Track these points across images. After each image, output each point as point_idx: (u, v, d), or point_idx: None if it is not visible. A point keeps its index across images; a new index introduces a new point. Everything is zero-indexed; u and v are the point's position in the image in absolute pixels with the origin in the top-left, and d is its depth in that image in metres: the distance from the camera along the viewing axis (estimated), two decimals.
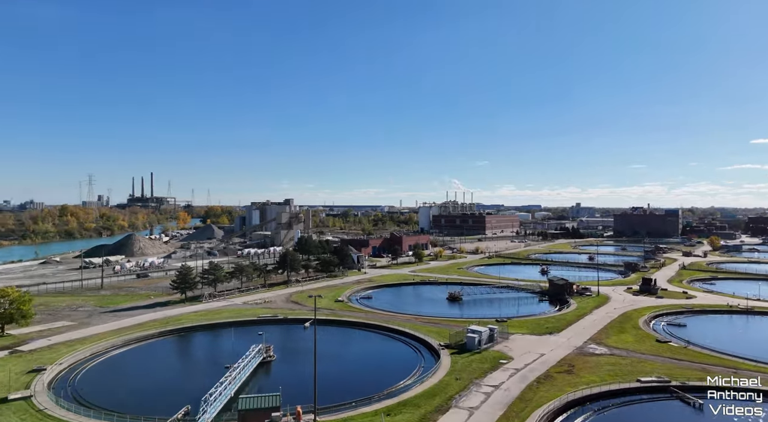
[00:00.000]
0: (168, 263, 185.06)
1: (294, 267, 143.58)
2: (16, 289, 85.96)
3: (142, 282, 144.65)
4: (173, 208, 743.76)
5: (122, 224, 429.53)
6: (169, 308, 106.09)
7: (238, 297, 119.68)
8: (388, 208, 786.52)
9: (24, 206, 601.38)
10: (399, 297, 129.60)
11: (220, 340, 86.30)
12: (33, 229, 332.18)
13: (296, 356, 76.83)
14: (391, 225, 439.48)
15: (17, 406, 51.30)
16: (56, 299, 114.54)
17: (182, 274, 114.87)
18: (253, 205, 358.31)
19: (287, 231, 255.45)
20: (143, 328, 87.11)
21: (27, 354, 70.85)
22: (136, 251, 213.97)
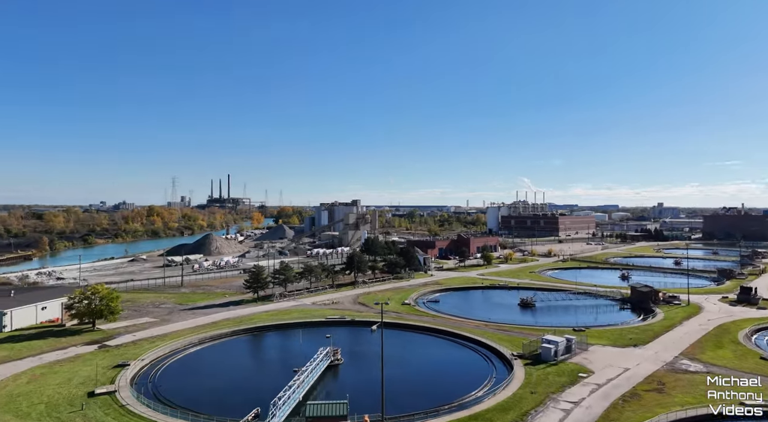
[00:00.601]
0: (242, 262, 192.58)
1: (361, 268, 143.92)
2: (105, 287, 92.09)
3: (218, 280, 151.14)
4: (248, 208, 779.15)
5: (201, 224, 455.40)
6: (242, 307, 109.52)
7: (307, 298, 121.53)
8: (454, 208, 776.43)
9: (117, 207, 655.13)
10: (467, 301, 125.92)
11: (289, 341, 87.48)
12: (124, 229, 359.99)
13: (363, 360, 76.01)
14: (458, 226, 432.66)
15: (103, 401, 54.19)
16: (141, 296, 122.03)
17: (255, 274, 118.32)
18: (321, 205, 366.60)
19: (354, 232, 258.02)
20: (218, 327, 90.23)
21: (114, 349, 75.35)
22: (213, 250, 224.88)
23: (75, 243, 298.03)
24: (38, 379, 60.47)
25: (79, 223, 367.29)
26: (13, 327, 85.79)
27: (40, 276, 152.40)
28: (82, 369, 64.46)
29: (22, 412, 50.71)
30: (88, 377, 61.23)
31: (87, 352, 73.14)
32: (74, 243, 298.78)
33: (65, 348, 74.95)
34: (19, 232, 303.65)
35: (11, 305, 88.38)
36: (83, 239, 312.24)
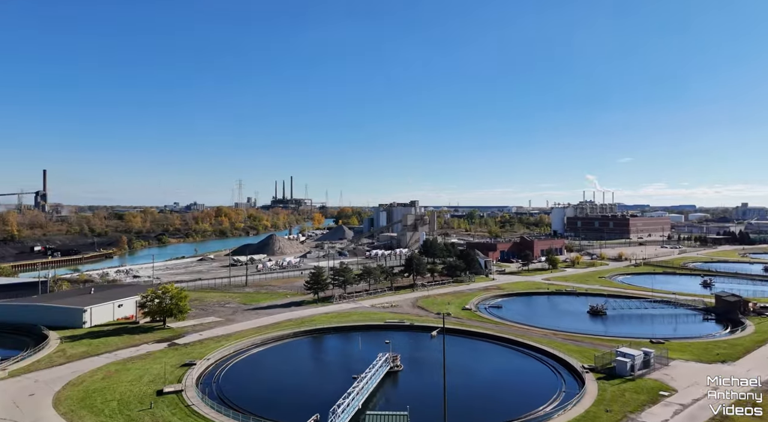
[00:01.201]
0: (303, 262, 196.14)
1: (419, 271, 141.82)
2: (175, 286, 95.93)
3: (280, 280, 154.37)
4: (309, 209, 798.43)
5: (266, 224, 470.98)
6: (303, 308, 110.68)
7: (366, 300, 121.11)
8: (515, 209, 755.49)
9: (189, 207, 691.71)
10: (532, 307, 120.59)
11: (349, 344, 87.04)
12: (194, 228, 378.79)
13: (423, 367, 74.05)
14: (520, 227, 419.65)
15: (170, 400, 55.73)
16: (208, 295, 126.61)
17: (315, 275, 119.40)
18: (380, 206, 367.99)
19: (413, 234, 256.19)
20: (280, 328, 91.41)
21: (182, 347, 77.97)
22: (276, 250, 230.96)
23: (151, 242, 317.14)
24: (112, 376, 63.35)
25: (155, 223, 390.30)
26: (93, 324, 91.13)
27: (118, 274, 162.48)
28: (152, 367, 66.94)
29: (97, 408, 53.02)
30: (157, 375, 63.41)
31: (157, 350, 76.12)
32: (150, 242, 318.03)
33: (138, 346, 78.46)
34: (102, 232, 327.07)
35: (91, 302, 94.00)
36: (158, 238, 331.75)
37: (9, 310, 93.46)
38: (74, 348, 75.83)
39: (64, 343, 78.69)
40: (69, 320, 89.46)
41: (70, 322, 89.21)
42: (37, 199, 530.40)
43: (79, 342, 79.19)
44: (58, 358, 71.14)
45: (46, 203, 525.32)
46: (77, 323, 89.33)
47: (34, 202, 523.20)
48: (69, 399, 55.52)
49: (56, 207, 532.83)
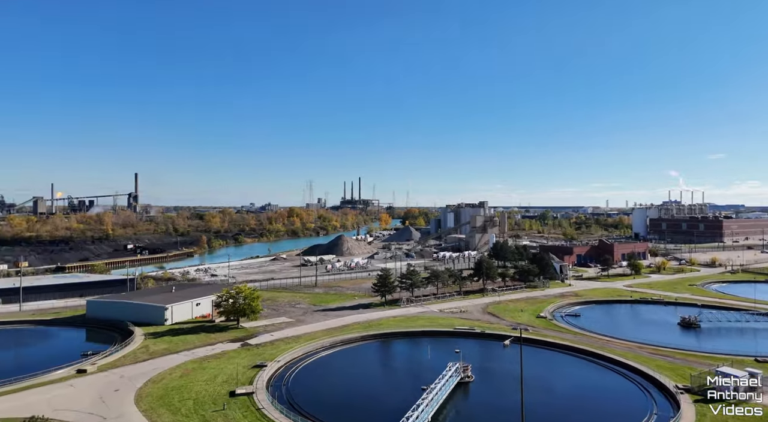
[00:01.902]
0: (371, 263, 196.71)
1: (490, 275, 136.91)
2: (248, 287, 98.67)
3: (348, 281, 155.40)
4: (377, 209, 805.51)
5: (335, 224, 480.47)
6: (371, 311, 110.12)
7: (434, 304, 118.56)
8: (591, 210, 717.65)
9: (264, 208, 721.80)
10: (613, 317, 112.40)
11: (417, 350, 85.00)
12: (268, 228, 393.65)
13: (496, 379, 70.54)
14: (597, 229, 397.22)
15: (242, 402, 56.56)
16: (280, 295, 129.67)
17: (382, 278, 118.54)
18: (447, 207, 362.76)
19: (482, 235, 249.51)
20: (348, 331, 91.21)
21: (254, 348, 79.66)
22: (344, 251, 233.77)
23: (228, 242, 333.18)
24: (189, 374, 65.60)
25: (232, 223, 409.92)
26: (174, 321, 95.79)
27: (198, 272, 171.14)
28: (226, 367, 68.68)
29: (174, 407, 54.82)
30: (230, 375, 64.86)
31: (231, 350, 78.25)
32: (227, 241, 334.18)
33: (213, 345, 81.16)
34: (185, 231, 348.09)
35: (172, 301, 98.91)
36: (235, 238, 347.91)
37: (101, 306, 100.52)
38: (156, 345, 79.76)
39: (147, 340, 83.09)
40: (152, 317, 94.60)
41: (153, 319, 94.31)
42: (129, 200, 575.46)
43: (161, 339, 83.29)
44: (142, 354, 75.02)
45: (137, 204, 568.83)
46: (159, 320, 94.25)
47: (127, 203, 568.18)
48: (149, 396, 57.94)
49: (146, 207, 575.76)
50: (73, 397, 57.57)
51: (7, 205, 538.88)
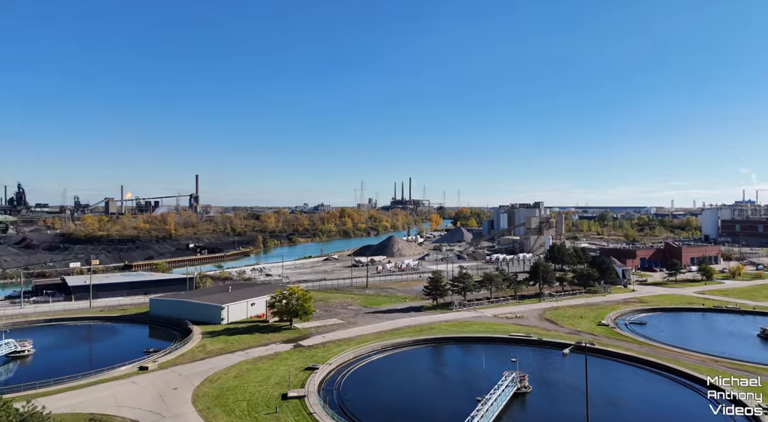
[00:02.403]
0: (421, 265, 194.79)
1: (547, 279, 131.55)
2: (301, 288, 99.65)
3: (399, 283, 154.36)
4: (427, 210, 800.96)
5: (385, 225, 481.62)
6: (422, 314, 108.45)
7: (487, 308, 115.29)
8: (655, 210, 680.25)
9: (316, 208, 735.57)
10: (683, 326, 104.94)
11: (470, 357, 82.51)
12: (321, 229, 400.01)
13: (555, 390, 67.08)
14: (662, 231, 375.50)
15: (294, 405, 56.58)
16: (332, 296, 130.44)
17: (434, 281, 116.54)
18: (500, 208, 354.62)
19: (537, 237, 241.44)
20: (399, 334, 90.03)
21: (306, 349, 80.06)
22: (395, 252, 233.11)
23: (282, 242, 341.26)
24: (243, 375, 66.59)
25: (286, 223, 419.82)
26: (229, 320, 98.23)
27: (253, 272, 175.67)
28: (278, 369, 69.25)
29: (229, 407, 55.61)
30: (282, 377, 65.26)
31: (284, 351, 78.99)
32: (282, 241, 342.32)
33: (267, 345, 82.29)
34: (242, 231, 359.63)
35: (228, 300, 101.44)
36: (288, 238, 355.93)
37: (162, 304, 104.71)
38: (213, 344, 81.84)
39: (204, 339, 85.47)
40: (210, 316, 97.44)
41: (210, 318, 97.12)
42: (191, 201, 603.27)
43: (217, 339, 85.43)
44: (199, 353, 77.12)
45: (197, 204, 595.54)
46: (216, 319, 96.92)
47: (189, 204, 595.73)
48: (206, 396, 59.15)
49: (206, 208, 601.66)
50: (136, 394, 59.72)
51: (82, 206, 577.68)
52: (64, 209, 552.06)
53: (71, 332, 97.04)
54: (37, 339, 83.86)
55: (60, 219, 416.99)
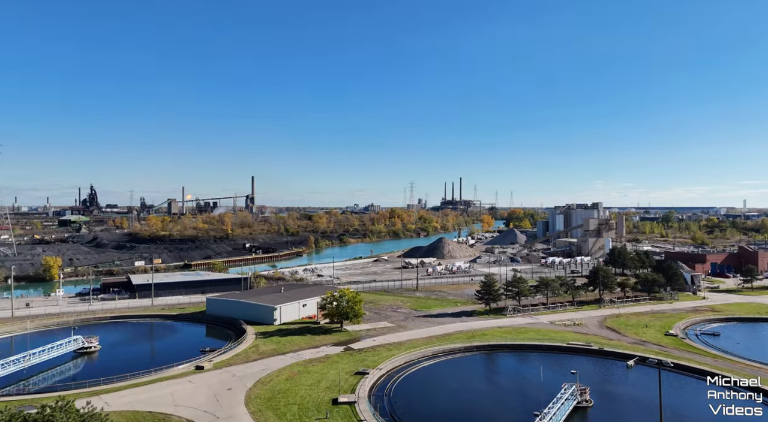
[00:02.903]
0: (473, 268, 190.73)
1: (607, 284, 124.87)
2: (351, 290, 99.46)
3: (450, 286, 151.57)
4: (478, 210, 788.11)
5: (435, 226, 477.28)
6: (474, 319, 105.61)
7: (543, 315, 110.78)
8: (726, 211, 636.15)
9: (367, 209, 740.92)
10: (761, 339, 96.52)
11: (526, 366, 79.14)
12: (371, 229, 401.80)
13: (619, 405, 62.93)
14: (734, 233, 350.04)
15: (344, 411, 55.96)
16: (381, 298, 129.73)
17: (486, 285, 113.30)
18: (555, 209, 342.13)
19: (596, 240, 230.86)
20: (451, 340, 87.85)
21: (356, 353, 79.52)
22: (445, 254, 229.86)
23: (333, 242, 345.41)
24: (295, 378, 66.80)
25: (337, 224, 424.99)
26: (282, 321, 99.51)
27: (305, 272, 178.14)
28: (329, 372, 69.01)
29: (280, 411, 55.74)
30: (333, 382, 64.89)
31: (334, 354, 78.83)
32: (333, 241, 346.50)
33: (318, 347, 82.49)
34: (295, 231, 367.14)
35: (281, 301, 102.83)
36: (339, 238, 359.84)
37: (218, 304, 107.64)
38: (266, 345, 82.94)
39: (258, 339, 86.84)
40: (263, 316, 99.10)
41: (263, 318, 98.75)
42: (246, 201, 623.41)
43: (270, 340, 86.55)
44: (253, 354, 78.31)
45: (253, 205, 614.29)
46: (269, 320, 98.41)
47: (245, 204, 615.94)
48: (258, 398, 59.65)
49: (261, 208, 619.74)
50: (192, 393, 61.13)
51: (147, 207, 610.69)
52: (131, 210, 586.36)
53: (134, 329, 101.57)
54: (103, 335, 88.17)
55: (127, 219, 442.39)
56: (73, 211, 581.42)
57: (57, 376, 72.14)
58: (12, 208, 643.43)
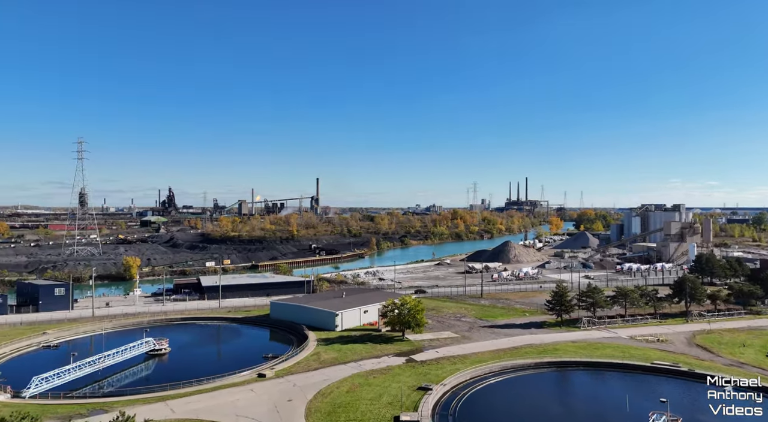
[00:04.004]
0: (542, 274, 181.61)
1: (695, 296, 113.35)
2: (413, 298, 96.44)
3: (517, 294, 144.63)
4: (546, 211, 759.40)
5: (500, 227, 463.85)
6: (545, 332, 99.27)
7: (621, 328, 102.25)
8: None
9: (428, 209, 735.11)
10: None
11: (604, 388, 72.58)
12: (432, 231, 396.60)
13: None
14: None
15: None
16: (444, 305, 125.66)
17: (558, 295, 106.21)
18: (631, 211, 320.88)
19: (678, 245, 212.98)
20: (519, 354, 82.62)
21: (419, 365, 76.40)
22: (511, 258, 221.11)
23: (395, 244, 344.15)
24: (356, 390, 64.80)
25: (399, 225, 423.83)
26: (343, 327, 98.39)
27: (366, 276, 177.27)
28: (391, 386, 66.42)
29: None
30: (395, 397, 62.22)
31: (396, 365, 76.20)
32: (394, 243, 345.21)
33: (379, 357, 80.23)
34: (357, 233, 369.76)
35: (342, 307, 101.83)
36: (401, 240, 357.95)
37: (281, 308, 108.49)
38: (327, 353, 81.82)
39: (319, 346, 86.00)
40: (324, 322, 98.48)
41: (325, 324, 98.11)
42: (312, 202, 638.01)
43: (331, 347, 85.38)
44: (314, 362, 77.36)
45: (318, 206, 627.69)
46: (330, 325, 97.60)
47: (310, 205, 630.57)
48: (318, 411, 58.13)
49: (325, 209, 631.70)
50: (253, 403, 60.71)
51: (220, 207, 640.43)
52: (204, 210, 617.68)
53: (202, 331, 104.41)
54: (173, 337, 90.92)
55: (201, 219, 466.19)
56: (153, 211, 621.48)
57: (129, 377, 74.77)
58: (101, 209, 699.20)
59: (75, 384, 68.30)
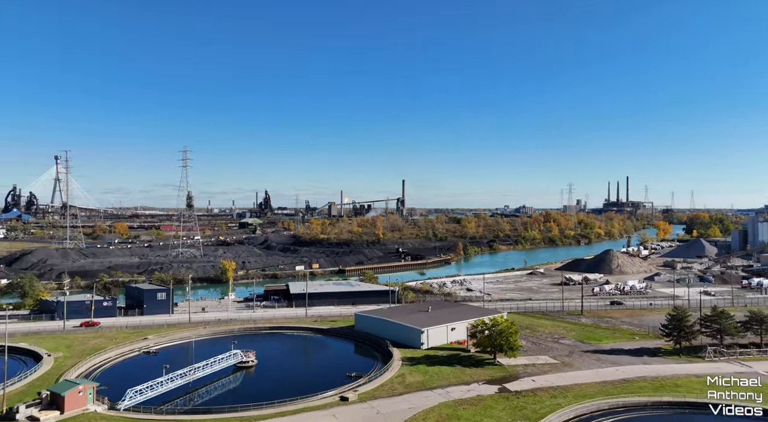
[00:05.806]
0: (651, 288, 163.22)
1: None
2: (505, 319, 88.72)
3: (622, 312, 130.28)
4: (650, 213, 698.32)
5: (598, 231, 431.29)
6: (660, 360, 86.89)
7: (757, 361, 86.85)
8: None
9: (518, 210, 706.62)
10: None
11: None
12: (523, 235, 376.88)
13: None
14: None
15: None
16: (539, 323, 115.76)
17: (677, 319, 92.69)
18: (757, 214, 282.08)
19: None
20: (631, 389, 72.27)
21: (513, 396, 69.14)
22: (614, 269, 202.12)
23: (482, 249, 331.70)
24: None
25: (486, 228, 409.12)
26: (429, 345, 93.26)
27: (453, 285, 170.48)
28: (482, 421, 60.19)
29: None
30: None
31: (487, 395, 69.61)
32: (482, 248, 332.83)
33: (468, 384, 74.07)
34: (443, 236, 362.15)
35: (428, 323, 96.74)
36: (489, 245, 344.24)
37: (365, 321, 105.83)
38: (412, 375, 77.20)
39: (404, 367, 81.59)
40: (409, 339, 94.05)
41: (410, 341, 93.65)
42: (397, 204, 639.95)
43: (416, 369, 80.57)
44: (398, 386, 73.10)
45: (403, 208, 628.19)
46: (416, 343, 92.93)
47: (396, 207, 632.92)
48: None
49: (411, 211, 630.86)
50: None
51: (311, 209, 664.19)
52: (297, 212, 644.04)
53: (288, 342, 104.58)
54: (260, 349, 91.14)
55: (293, 221, 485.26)
56: (251, 213, 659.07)
57: (218, 389, 75.66)
58: (206, 210, 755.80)
59: (167, 396, 69.92)
